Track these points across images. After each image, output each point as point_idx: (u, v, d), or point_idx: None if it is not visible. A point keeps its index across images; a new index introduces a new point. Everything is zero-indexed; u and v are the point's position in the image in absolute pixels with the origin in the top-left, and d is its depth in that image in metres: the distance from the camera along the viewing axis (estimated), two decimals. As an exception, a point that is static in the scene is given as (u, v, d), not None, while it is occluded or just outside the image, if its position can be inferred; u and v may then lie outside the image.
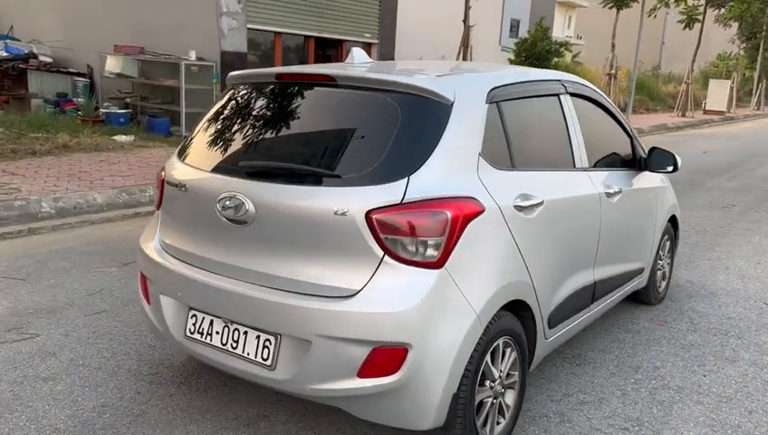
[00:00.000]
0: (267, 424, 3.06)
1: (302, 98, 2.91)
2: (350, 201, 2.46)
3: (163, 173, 3.13)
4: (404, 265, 2.44)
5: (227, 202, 2.68)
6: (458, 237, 2.48)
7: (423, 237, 2.43)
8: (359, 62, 3.19)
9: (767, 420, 3.29)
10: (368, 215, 2.43)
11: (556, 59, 22.08)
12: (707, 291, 5.32)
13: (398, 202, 2.44)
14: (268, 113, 2.95)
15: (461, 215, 2.49)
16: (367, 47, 15.81)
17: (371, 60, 3.28)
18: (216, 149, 2.96)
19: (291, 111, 2.92)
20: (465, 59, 15.02)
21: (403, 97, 2.65)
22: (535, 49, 21.83)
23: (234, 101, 3.13)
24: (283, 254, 2.60)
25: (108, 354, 3.71)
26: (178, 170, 3.00)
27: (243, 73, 3.19)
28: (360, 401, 2.51)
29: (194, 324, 2.85)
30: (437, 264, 2.44)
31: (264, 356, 2.62)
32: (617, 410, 3.32)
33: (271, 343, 2.61)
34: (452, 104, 2.65)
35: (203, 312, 2.82)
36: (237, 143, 2.91)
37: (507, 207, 2.76)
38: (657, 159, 4.18)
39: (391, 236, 2.43)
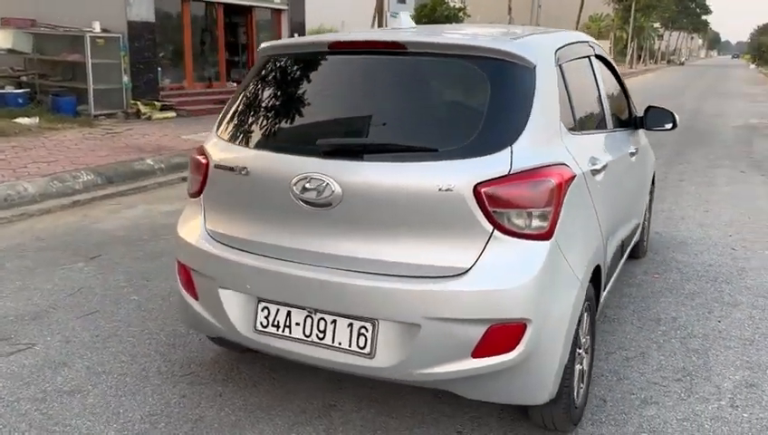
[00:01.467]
0: (340, 414, 2.90)
1: (367, 68, 2.72)
2: (454, 176, 2.33)
3: (202, 157, 2.84)
4: (514, 239, 2.35)
5: (307, 184, 2.47)
6: (561, 206, 2.42)
7: (532, 208, 2.35)
8: (406, 27, 3.01)
9: (792, 357, 3.53)
10: (475, 189, 2.32)
11: (455, 24, 22.42)
12: (677, 241, 5.62)
13: (506, 173, 2.33)
14: (329, 86, 2.74)
15: (563, 182, 2.43)
16: (276, 13, 15.28)
17: (415, 25, 3.11)
18: (275, 127, 2.71)
19: (357, 82, 2.71)
20: (380, 25, 14.85)
21: (488, 62, 2.52)
22: (435, 14, 22.05)
23: (276, 74, 2.87)
24: (377, 236, 2.44)
25: (126, 358, 3.39)
26: (231, 153, 2.73)
27: (282, 44, 2.93)
28: (472, 382, 2.42)
29: (266, 317, 2.63)
30: (547, 235, 2.37)
31: (361, 344, 2.46)
32: (662, 362, 3.43)
33: (367, 331, 2.45)
34: (535, 68, 2.56)
35: (278, 303, 2.60)
36: (303, 120, 2.68)
37: (586, 172, 2.73)
38: (655, 118, 4.30)
39: (501, 209, 2.33)
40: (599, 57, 3.70)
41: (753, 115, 17.23)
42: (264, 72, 2.91)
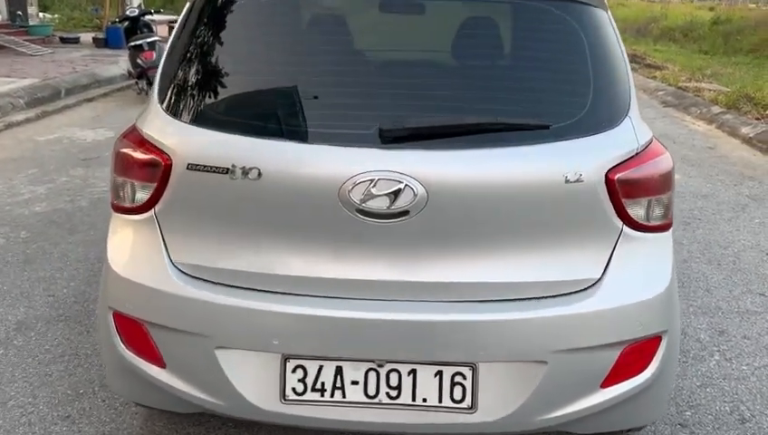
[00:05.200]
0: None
1: (409, 17, 1.92)
2: (580, 160, 1.75)
3: (151, 153, 1.82)
4: (642, 234, 1.86)
5: (372, 189, 1.67)
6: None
7: (658, 194, 1.88)
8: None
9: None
10: (607, 175, 1.77)
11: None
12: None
13: (635, 152, 1.82)
14: (356, 42, 1.89)
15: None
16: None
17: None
18: (294, 106, 1.80)
19: (397, 38, 1.94)
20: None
21: (571, 6, 1.92)
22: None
23: (257, 22, 1.93)
24: (476, 250, 1.76)
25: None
26: (218, 146, 1.76)
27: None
28: (594, 416, 1.93)
29: (301, 380, 1.82)
30: (669, 224, 1.93)
31: (456, 397, 1.81)
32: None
33: (465, 378, 1.80)
34: (608, 11, 2.04)
35: (320, 359, 1.80)
36: (335, 93, 1.81)
37: None
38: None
39: (632, 198, 1.82)
40: None
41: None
42: (229, 15, 1.93)
